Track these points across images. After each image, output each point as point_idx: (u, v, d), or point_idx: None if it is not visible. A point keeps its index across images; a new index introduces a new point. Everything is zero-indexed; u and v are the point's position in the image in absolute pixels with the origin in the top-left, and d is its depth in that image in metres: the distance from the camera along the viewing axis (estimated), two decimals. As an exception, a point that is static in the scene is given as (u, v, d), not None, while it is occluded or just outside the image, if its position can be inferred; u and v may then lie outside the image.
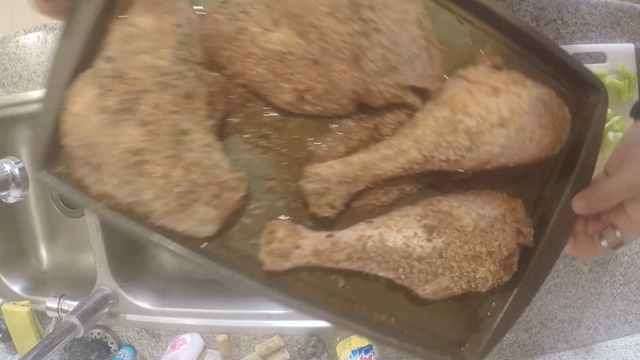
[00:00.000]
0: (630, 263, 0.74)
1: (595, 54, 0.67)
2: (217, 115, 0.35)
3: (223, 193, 0.34)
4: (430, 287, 0.37)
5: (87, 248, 0.83)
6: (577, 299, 0.74)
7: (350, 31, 0.33)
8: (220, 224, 0.36)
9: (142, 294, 0.80)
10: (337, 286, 0.38)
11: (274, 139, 0.37)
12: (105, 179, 0.33)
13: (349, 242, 0.35)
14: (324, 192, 0.35)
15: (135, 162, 0.32)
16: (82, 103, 0.32)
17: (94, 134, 0.32)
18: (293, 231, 0.35)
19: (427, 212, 0.36)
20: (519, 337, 0.74)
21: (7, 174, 0.74)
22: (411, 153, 0.35)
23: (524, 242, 0.38)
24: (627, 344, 0.76)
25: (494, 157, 0.35)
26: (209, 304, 0.78)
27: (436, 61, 0.37)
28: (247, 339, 0.76)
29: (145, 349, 0.81)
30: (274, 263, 0.35)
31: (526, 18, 0.65)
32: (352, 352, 0.66)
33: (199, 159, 0.33)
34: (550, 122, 0.36)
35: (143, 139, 0.31)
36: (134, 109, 0.31)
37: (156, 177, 0.32)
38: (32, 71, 0.76)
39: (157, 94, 0.32)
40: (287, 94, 0.35)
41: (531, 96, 0.35)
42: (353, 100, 0.36)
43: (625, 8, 0.68)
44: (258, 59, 0.34)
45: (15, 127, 0.90)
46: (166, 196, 0.33)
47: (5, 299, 0.86)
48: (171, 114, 0.32)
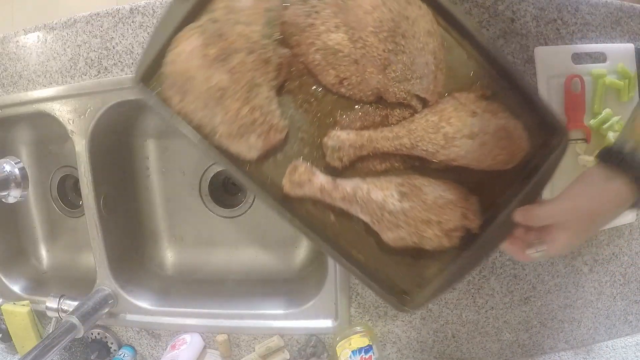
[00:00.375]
0: (630, 263, 0.74)
1: (595, 54, 0.67)
2: (280, 79, 0.49)
3: (270, 131, 0.49)
4: (392, 234, 0.50)
5: (87, 248, 0.83)
6: (577, 299, 0.74)
7: (384, 48, 0.47)
8: (262, 153, 0.50)
9: (142, 294, 0.80)
10: (329, 219, 0.53)
11: (314, 105, 0.51)
12: (187, 102, 0.47)
13: (345, 188, 0.50)
14: (338, 150, 0.50)
15: (218, 96, 0.46)
16: (187, 46, 0.46)
17: (191, 70, 0.46)
18: (310, 170, 0.50)
19: (404, 182, 0.50)
20: (519, 337, 0.75)
21: (7, 174, 0.74)
22: (403, 139, 0.49)
23: (469, 226, 0.50)
24: (627, 344, 0.76)
25: (460, 157, 0.48)
26: (209, 304, 0.78)
27: (439, 82, 0.50)
28: (247, 339, 0.76)
29: (145, 349, 0.81)
30: (291, 188, 0.50)
31: (526, 18, 0.65)
32: (352, 352, 0.66)
33: (261, 104, 0.48)
34: (507, 146, 0.48)
35: (228, 82, 0.46)
36: (227, 60, 0.45)
37: (230, 109, 0.47)
38: (32, 71, 0.76)
39: (245, 55, 0.46)
40: (332, 77, 0.49)
41: (497, 124, 0.48)
42: (375, 94, 0.50)
43: (625, 8, 0.68)
44: (317, 49, 0.47)
45: (15, 127, 0.90)
46: (232, 124, 0.47)
47: (5, 299, 0.86)
48: (251, 70, 0.46)
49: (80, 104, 0.74)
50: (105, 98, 0.73)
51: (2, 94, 0.78)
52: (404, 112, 0.50)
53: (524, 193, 0.50)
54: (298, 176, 0.50)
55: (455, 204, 0.49)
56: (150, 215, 0.91)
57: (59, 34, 0.74)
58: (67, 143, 0.88)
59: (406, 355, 0.75)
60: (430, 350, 0.75)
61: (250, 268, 0.88)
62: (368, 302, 0.72)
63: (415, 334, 0.74)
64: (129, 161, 0.88)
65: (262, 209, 0.87)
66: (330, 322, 0.72)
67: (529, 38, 0.66)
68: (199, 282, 0.88)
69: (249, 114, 0.47)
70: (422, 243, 0.50)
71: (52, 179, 0.94)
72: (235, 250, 0.90)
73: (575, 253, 0.72)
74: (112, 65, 0.72)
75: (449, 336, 0.74)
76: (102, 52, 0.72)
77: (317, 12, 0.46)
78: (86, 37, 0.72)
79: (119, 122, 0.81)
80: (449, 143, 0.47)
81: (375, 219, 0.50)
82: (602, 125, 0.66)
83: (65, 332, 0.67)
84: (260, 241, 0.88)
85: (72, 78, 0.74)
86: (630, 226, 0.73)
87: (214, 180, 0.88)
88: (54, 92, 0.75)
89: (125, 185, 0.87)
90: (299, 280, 0.84)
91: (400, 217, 0.49)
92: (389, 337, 0.74)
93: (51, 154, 0.92)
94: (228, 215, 0.89)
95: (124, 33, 0.71)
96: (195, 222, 0.90)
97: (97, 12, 0.71)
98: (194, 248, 0.91)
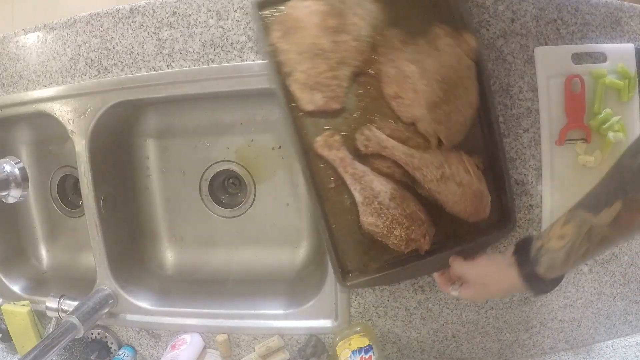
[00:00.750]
0: (630, 263, 0.74)
1: (595, 54, 0.67)
2: (359, 69, 0.60)
3: (333, 99, 0.60)
4: (369, 219, 0.62)
5: (87, 248, 0.83)
6: (577, 299, 0.74)
7: (439, 95, 0.59)
8: (315, 110, 0.60)
9: (142, 294, 0.80)
10: (329, 184, 0.64)
11: (367, 101, 0.62)
12: (285, 41, 0.58)
13: (357, 167, 0.62)
14: (368, 139, 0.61)
15: (315, 53, 0.57)
16: (313, 5, 0.57)
17: (307, 23, 0.57)
18: (341, 142, 0.62)
19: (397, 189, 0.62)
20: (519, 337, 0.75)
21: (7, 174, 0.74)
22: (414, 159, 0.61)
23: (420, 246, 0.63)
24: (627, 344, 0.76)
25: (443, 194, 0.62)
26: (209, 304, 0.78)
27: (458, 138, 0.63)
28: (247, 339, 0.76)
29: (145, 349, 0.81)
30: (321, 145, 0.61)
31: (526, 18, 0.66)
32: (352, 352, 0.66)
33: (339, 77, 0.59)
34: (477, 206, 0.63)
35: (329, 48, 0.57)
36: (337, 34, 0.57)
37: (317, 66, 0.58)
38: (32, 71, 0.76)
39: (350, 39, 0.58)
40: (392, 91, 0.60)
41: (478, 188, 0.62)
42: (412, 119, 0.61)
43: (625, 8, 0.68)
44: (394, 67, 0.60)
45: (15, 127, 0.91)
46: (311, 76, 0.58)
47: (5, 299, 0.86)
48: (348, 51, 0.58)
49: (80, 104, 0.74)
50: (105, 98, 0.73)
51: (2, 94, 0.78)
52: (421, 142, 0.62)
53: (465, 246, 0.64)
54: (332, 140, 0.61)
55: (422, 223, 0.62)
56: (150, 215, 0.91)
57: (59, 34, 0.74)
58: (67, 143, 0.88)
59: (406, 355, 0.75)
60: (430, 350, 0.75)
61: (250, 268, 0.88)
62: (368, 302, 0.72)
63: (415, 334, 0.74)
64: (129, 161, 0.88)
65: (262, 209, 0.87)
66: (330, 322, 0.72)
67: (529, 38, 0.66)
68: (199, 282, 0.88)
69: (328, 78, 0.58)
70: (387, 237, 0.63)
71: (52, 179, 0.94)
72: (235, 250, 0.90)
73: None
74: (112, 65, 0.72)
75: (449, 336, 0.74)
76: (102, 52, 0.72)
77: (407, 45, 0.60)
78: (86, 37, 0.72)
79: (119, 122, 0.81)
80: (443, 180, 0.61)
81: (366, 201, 0.62)
82: (602, 125, 0.66)
83: (65, 332, 0.67)
84: (260, 241, 0.88)
85: (72, 78, 0.74)
86: (630, 226, 0.73)
87: (214, 180, 0.88)
88: (54, 92, 0.75)
89: (125, 185, 0.87)
90: (299, 280, 0.84)
91: (383, 209, 0.61)
92: (389, 337, 0.74)
93: (51, 154, 0.92)
94: (228, 215, 0.89)
95: (124, 33, 0.71)
96: (195, 222, 0.90)
97: (97, 12, 0.71)
98: (194, 248, 0.91)
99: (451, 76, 0.58)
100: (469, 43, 0.60)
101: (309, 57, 0.57)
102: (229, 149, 0.86)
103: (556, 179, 0.68)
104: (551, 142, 0.67)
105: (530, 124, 0.68)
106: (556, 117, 0.67)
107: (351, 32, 0.57)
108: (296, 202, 0.86)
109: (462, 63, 0.59)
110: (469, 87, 0.60)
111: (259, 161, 0.85)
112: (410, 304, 0.72)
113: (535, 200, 0.69)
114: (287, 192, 0.86)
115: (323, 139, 0.61)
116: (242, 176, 0.86)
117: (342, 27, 0.57)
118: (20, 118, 0.83)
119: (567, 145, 0.67)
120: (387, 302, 0.72)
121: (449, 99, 0.58)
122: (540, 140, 0.68)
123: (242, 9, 0.67)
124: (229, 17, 0.67)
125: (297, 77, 0.59)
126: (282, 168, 0.85)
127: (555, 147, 0.67)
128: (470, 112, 0.61)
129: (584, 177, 0.68)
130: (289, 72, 0.59)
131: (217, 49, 0.68)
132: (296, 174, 0.84)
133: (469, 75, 0.60)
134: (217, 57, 0.68)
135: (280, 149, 0.84)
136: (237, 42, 0.68)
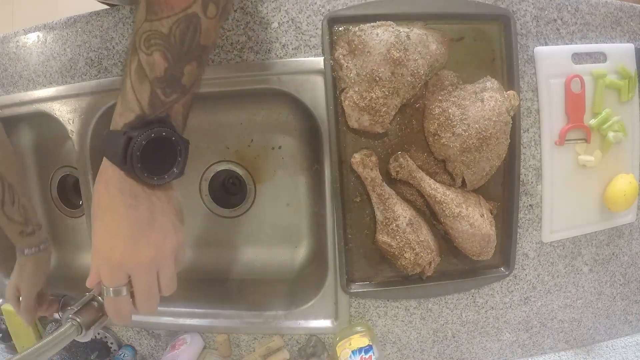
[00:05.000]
0: (630, 263, 0.74)
1: (595, 54, 0.67)
2: (408, 102, 0.66)
3: (378, 123, 0.64)
4: (384, 238, 0.67)
5: (87, 248, 0.83)
6: (577, 299, 0.74)
7: (474, 142, 0.63)
8: (360, 129, 0.65)
9: (142, 294, 0.80)
10: (355, 198, 0.69)
11: (410, 131, 0.68)
12: (347, 59, 0.63)
13: (385, 189, 0.67)
14: (400, 167, 0.66)
15: (373, 78, 0.61)
16: (384, 35, 0.61)
17: (372, 50, 0.60)
18: (376, 163, 0.66)
19: (415, 216, 0.68)
20: (519, 337, 0.75)
21: (7, 174, 0.74)
22: (437, 194, 0.66)
23: (424, 272, 0.68)
24: (627, 344, 0.76)
25: (456, 230, 0.66)
26: (209, 304, 0.78)
27: (480, 182, 0.68)
28: (247, 339, 0.76)
29: (145, 349, 0.81)
30: (357, 162, 0.66)
31: (526, 18, 0.66)
32: (352, 352, 0.66)
33: (389, 105, 0.63)
34: (483, 247, 0.67)
35: (387, 77, 0.61)
36: (398, 66, 0.60)
37: (371, 91, 0.61)
38: (32, 71, 0.76)
39: (408, 73, 0.61)
40: (432, 127, 0.65)
41: (488, 231, 0.66)
42: (443, 157, 0.66)
43: (625, 8, 0.68)
44: (439, 106, 0.64)
45: (15, 127, 0.90)
46: (364, 99, 0.62)
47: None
48: (403, 84, 0.62)
49: (80, 104, 0.74)
50: (105, 98, 0.73)
51: (2, 94, 0.78)
52: (446, 179, 0.68)
53: (463, 280, 0.71)
54: (369, 160, 0.66)
55: (431, 252, 0.67)
56: (150, 215, 0.90)
57: (59, 34, 0.74)
58: (67, 143, 0.88)
59: (406, 355, 0.75)
60: (430, 350, 0.75)
61: (250, 268, 0.88)
62: (368, 302, 0.72)
63: (415, 334, 0.74)
64: (129, 161, 0.88)
65: (262, 209, 0.87)
66: (330, 322, 0.72)
67: (529, 38, 0.66)
68: (199, 282, 0.88)
69: (379, 104, 0.62)
70: (396, 258, 0.67)
71: (52, 179, 0.94)
72: (235, 250, 0.90)
73: (576, 253, 0.72)
74: (112, 65, 0.72)
75: (449, 336, 0.74)
76: (102, 52, 0.72)
77: (456, 89, 0.65)
78: (86, 37, 0.72)
79: (119, 122, 0.81)
80: (458, 218, 0.65)
81: (386, 221, 0.66)
82: (602, 125, 0.66)
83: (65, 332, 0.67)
84: (260, 241, 0.88)
85: (72, 78, 0.74)
86: (630, 226, 0.73)
87: (214, 180, 0.88)
88: (54, 92, 0.75)
89: (125, 185, 0.87)
90: (299, 280, 0.84)
91: (400, 232, 0.66)
92: (389, 337, 0.74)
93: (51, 154, 0.92)
94: (228, 215, 0.89)
95: (124, 33, 0.71)
96: (195, 222, 0.90)
97: (97, 12, 0.71)
98: (193, 248, 0.91)
99: (488, 128, 0.62)
100: (512, 102, 0.63)
101: (367, 80, 0.61)
102: (229, 149, 0.85)
103: (556, 179, 0.68)
104: (551, 142, 0.67)
105: (530, 124, 0.68)
106: (556, 117, 0.67)
107: (410, 67, 0.60)
108: (296, 202, 0.86)
109: (501, 119, 0.62)
110: (501, 141, 0.64)
111: (259, 161, 0.85)
112: (410, 304, 0.72)
113: (535, 200, 0.70)
114: (287, 192, 0.86)
115: (360, 157, 0.65)
116: (242, 176, 0.86)
117: (404, 62, 0.60)
118: (20, 118, 0.83)
119: (567, 145, 0.67)
120: (387, 302, 0.72)
121: (481, 148, 0.63)
122: (540, 140, 0.68)
123: (242, 9, 0.67)
124: (229, 17, 0.67)
125: (351, 95, 0.63)
126: (282, 168, 0.85)
127: (555, 147, 0.67)
128: (497, 163, 0.66)
129: (584, 177, 0.68)
130: (345, 88, 0.63)
131: (217, 49, 0.68)
132: (296, 174, 0.84)
133: (505, 131, 0.63)
134: (217, 57, 0.68)
135: (280, 149, 0.84)
136: (237, 42, 0.68)
